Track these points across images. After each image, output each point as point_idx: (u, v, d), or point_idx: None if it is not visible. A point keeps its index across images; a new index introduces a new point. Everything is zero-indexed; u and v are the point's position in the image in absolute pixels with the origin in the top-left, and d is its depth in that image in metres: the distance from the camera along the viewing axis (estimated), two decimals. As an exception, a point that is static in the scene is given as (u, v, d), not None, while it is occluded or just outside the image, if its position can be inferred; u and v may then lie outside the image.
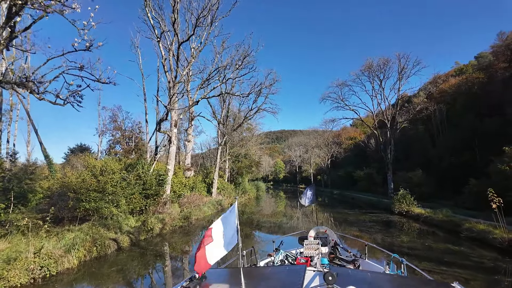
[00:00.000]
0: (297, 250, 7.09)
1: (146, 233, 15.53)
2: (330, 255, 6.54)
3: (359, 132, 70.95)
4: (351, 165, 58.48)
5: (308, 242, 6.33)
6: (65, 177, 18.79)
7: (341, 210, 29.58)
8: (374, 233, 16.93)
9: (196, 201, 25.58)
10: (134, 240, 14.42)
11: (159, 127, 21.07)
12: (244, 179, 50.61)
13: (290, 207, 36.77)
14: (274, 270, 4.48)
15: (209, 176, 36.62)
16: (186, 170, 28.02)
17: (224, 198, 32.47)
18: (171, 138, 23.18)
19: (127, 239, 13.96)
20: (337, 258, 6.38)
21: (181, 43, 21.77)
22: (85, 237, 12.50)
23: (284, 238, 8.11)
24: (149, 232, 15.67)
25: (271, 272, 4.25)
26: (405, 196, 23.50)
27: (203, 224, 20.73)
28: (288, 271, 4.00)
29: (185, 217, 19.52)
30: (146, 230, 15.52)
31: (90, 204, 17.04)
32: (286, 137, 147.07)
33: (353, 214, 25.81)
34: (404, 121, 36.72)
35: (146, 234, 15.57)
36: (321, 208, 33.37)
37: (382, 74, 35.69)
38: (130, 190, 19.93)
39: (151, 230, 15.80)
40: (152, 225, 15.97)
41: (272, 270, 4.43)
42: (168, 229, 17.56)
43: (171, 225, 18.05)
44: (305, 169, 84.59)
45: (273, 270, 4.41)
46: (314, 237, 7.48)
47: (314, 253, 5.86)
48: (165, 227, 17.28)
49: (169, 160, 23.41)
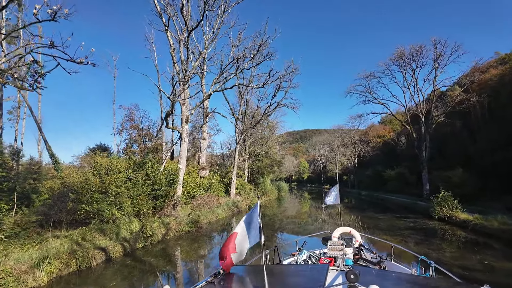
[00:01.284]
0: (321, 250, 7.01)
1: (144, 240, 13.61)
2: (354, 256, 6.39)
3: (388, 130, 66.39)
4: (379, 164, 54.50)
5: (332, 243, 6.20)
6: (68, 177, 17.43)
7: (370, 213, 26.50)
8: (414, 243, 14.03)
9: (210, 202, 23.65)
10: (129, 249, 12.53)
11: (166, 123, 19.25)
12: (265, 179, 48.31)
13: (314, 209, 33.94)
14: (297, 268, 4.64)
15: (227, 176, 34.70)
16: (200, 170, 26.18)
17: (242, 199, 30.32)
18: (182, 135, 21.35)
19: (119, 248, 12.08)
20: (362, 260, 6.22)
21: (191, 31, 19.91)
22: (70, 246, 10.76)
23: (307, 238, 8.00)
24: (148, 239, 13.73)
25: (293, 270, 4.27)
26: (447, 198, 20.17)
27: (214, 229, 18.69)
28: (310, 269, 4.04)
29: (193, 221, 17.46)
30: (144, 236, 13.60)
31: (91, 206, 15.50)
32: (310, 137, 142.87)
33: (385, 219, 22.71)
34: (441, 114, 32.83)
35: (145, 242, 13.66)
36: (347, 211, 30.41)
37: (415, 63, 32.11)
38: (137, 191, 18.27)
39: (151, 237, 13.87)
40: (152, 231, 14.03)
41: (294, 268, 4.53)
42: (173, 235, 15.60)
43: (177, 230, 16.09)
44: (330, 169, 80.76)
45: (296, 268, 4.52)
46: (338, 237, 7.31)
47: (338, 253, 5.80)
48: (168, 233, 15.34)
49: (180, 158, 21.60)
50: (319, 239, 7.69)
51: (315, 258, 6.45)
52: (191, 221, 17.39)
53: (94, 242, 11.98)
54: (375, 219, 22.53)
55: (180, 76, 19.87)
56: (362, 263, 6.09)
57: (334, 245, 6.12)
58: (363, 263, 6.05)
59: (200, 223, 18.33)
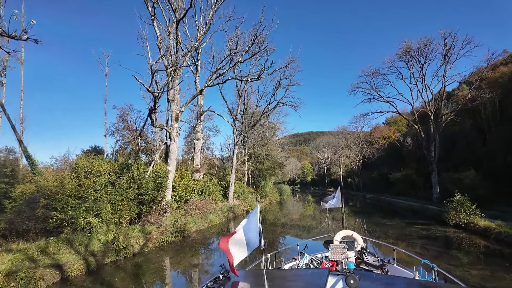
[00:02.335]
0: (323, 254, 6.90)
1: (116, 253, 11.68)
2: (356, 260, 6.28)
3: (393, 131, 64.08)
4: (385, 166, 52.21)
5: (333, 246, 6.21)
6: (42, 180, 15.63)
7: (377, 218, 24.34)
8: (432, 256, 11.88)
9: (204, 207, 21.71)
10: (94, 265, 10.60)
11: (151, 120, 17.40)
12: (266, 182, 46.29)
13: (318, 212, 31.75)
14: (297, 272, 4.68)
15: (225, 178, 32.80)
16: (194, 172, 24.30)
17: (240, 203, 28.34)
18: (171, 135, 19.52)
19: (81, 264, 10.14)
20: (364, 263, 6.13)
21: (179, 21, 18.14)
22: (21, 262, 8.89)
23: (309, 242, 7.78)
24: (121, 252, 11.80)
25: (294, 274, 4.28)
26: (463, 203, 17.98)
27: (203, 239, 16.65)
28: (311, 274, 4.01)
29: (178, 230, 15.49)
30: (116, 249, 11.67)
31: (64, 213, 13.69)
32: (313, 139, 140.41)
33: (394, 225, 20.56)
34: (451, 112, 30.60)
35: (117, 255, 11.73)
36: (352, 215, 28.29)
37: (422, 58, 29.94)
38: (119, 196, 16.43)
39: (124, 249, 11.93)
40: (127, 242, 12.10)
41: (295, 273, 4.56)
42: (153, 246, 13.65)
43: (158, 240, 14.15)
44: (334, 171, 78.43)
45: (296, 273, 4.54)
46: (340, 241, 7.20)
47: (340, 257, 5.75)
48: (148, 244, 13.39)
49: (170, 160, 19.74)
50: (321, 243, 7.54)
51: (317, 262, 6.33)
52: (176, 229, 15.41)
53: (54, 257, 10.12)
54: (383, 226, 20.39)
55: (168, 71, 18.06)
56: (364, 266, 6.00)
57: (336, 248, 6.06)
58: (365, 267, 5.98)
59: (187, 232, 16.36)
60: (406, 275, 5.62)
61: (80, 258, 10.37)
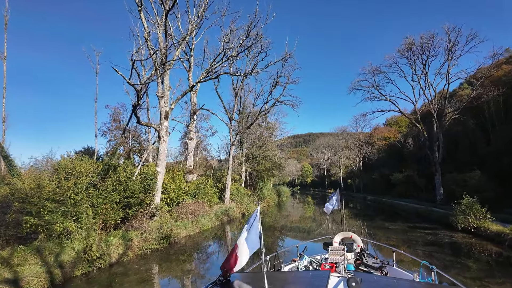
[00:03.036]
0: (322, 255, 6.83)
1: (89, 264, 10.38)
2: (356, 261, 6.24)
3: (394, 132, 62.84)
4: (385, 167, 50.92)
5: (333, 248, 6.15)
6: (17, 182, 14.36)
7: (379, 222, 22.99)
8: (442, 266, 10.54)
9: (196, 210, 20.41)
10: (59, 278, 9.28)
11: (136, 118, 16.12)
12: (265, 183, 44.94)
13: (319, 214, 30.39)
14: (298, 275, 4.50)
15: (221, 180, 31.50)
16: (187, 173, 23.01)
17: (235, 206, 27.01)
18: (159, 134, 18.25)
19: (43, 278, 8.81)
20: (364, 265, 6.07)
21: (168, 12, 16.91)
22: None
23: (308, 244, 7.72)
24: (94, 263, 10.49)
25: (294, 277, 4.15)
26: (472, 205, 16.66)
27: (192, 245, 15.27)
28: (311, 276, 3.94)
29: (164, 236, 14.16)
30: (88, 259, 10.37)
31: (40, 218, 12.41)
32: (313, 140, 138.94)
33: (398, 229, 19.22)
34: (455, 110, 29.32)
35: (89, 266, 10.42)
36: (352, 218, 26.96)
37: (425, 54, 28.70)
38: (102, 199, 15.15)
39: (99, 259, 10.63)
40: (101, 251, 10.80)
41: (295, 275, 4.40)
42: (133, 255, 12.31)
43: (141, 248, 12.84)
44: (334, 173, 77.09)
45: (297, 275, 4.39)
46: (339, 242, 7.13)
47: (339, 259, 5.67)
48: (127, 253, 12.07)
49: (159, 160, 18.46)
50: (320, 245, 7.46)
51: (316, 263, 6.27)
52: (162, 235, 14.08)
53: (16, 270, 8.84)
54: (385, 230, 19.05)
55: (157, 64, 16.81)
56: (364, 268, 5.94)
57: (335, 250, 6.02)
58: (365, 268, 5.93)
59: (175, 238, 15.03)
60: (406, 276, 5.57)
61: (45, 270, 9.07)
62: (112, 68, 12.54)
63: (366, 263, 6.15)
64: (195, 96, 23.92)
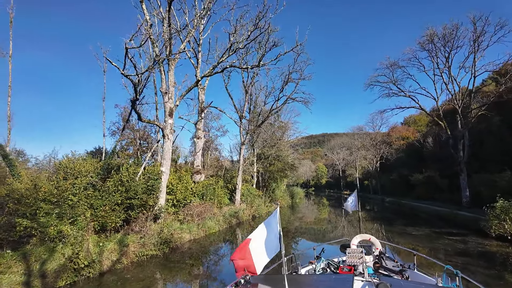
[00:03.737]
0: (339, 258, 6.70)
1: (75, 273, 9.31)
2: (375, 265, 5.96)
3: (412, 131, 60.07)
4: (404, 168, 48.48)
5: (350, 250, 6.01)
6: (14, 182, 13.63)
7: (400, 226, 21.13)
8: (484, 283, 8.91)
9: (203, 212, 19.27)
10: (39, 290, 8.26)
11: (137, 114, 15.11)
12: (278, 184, 43.46)
13: (334, 216, 28.72)
14: (319, 278, 4.47)
15: (232, 181, 30.35)
16: (194, 173, 21.93)
17: (246, 207, 25.75)
18: (163, 132, 17.22)
19: (18, 292, 7.80)
20: (383, 268, 5.85)
21: (171, 3, 15.85)
22: None
23: (325, 246, 7.61)
24: (82, 271, 9.41)
25: (316, 280, 4.13)
26: (508, 209, 14.74)
27: (195, 251, 14.01)
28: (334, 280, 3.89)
29: (164, 241, 13.00)
30: (75, 268, 9.30)
31: (34, 221, 11.57)
32: (328, 140, 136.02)
33: (422, 235, 17.38)
34: (482, 106, 27.03)
35: (76, 276, 9.35)
36: (370, 221, 25.17)
37: (448, 46, 26.59)
38: (101, 201, 14.22)
39: (87, 267, 9.55)
40: (90, 258, 9.73)
41: (317, 278, 4.39)
42: (128, 262, 11.17)
43: (137, 254, 11.73)
44: (350, 173, 74.52)
45: (318, 278, 4.36)
46: (357, 245, 6.94)
47: (357, 261, 5.61)
48: (121, 260, 10.97)
49: (163, 160, 17.44)
50: (337, 247, 7.27)
51: (333, 266, 6.12)
52: (162, 240, 12.93)
53: (-7, 279, 7.86)
54: (408, 236, 17.25)
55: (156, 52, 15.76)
56: (383, 271, 5.68)
57: (353, 253, 5.88)
58: (384, 272, 5.65)
59: (177, 243, 13.86)
60: (428, 281, 5.36)
61: (23, 281, 8.07)
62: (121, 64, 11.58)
63: (385, 267, 5.91)
64: (203, 94, 22.86)
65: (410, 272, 5.77)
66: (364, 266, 5.29)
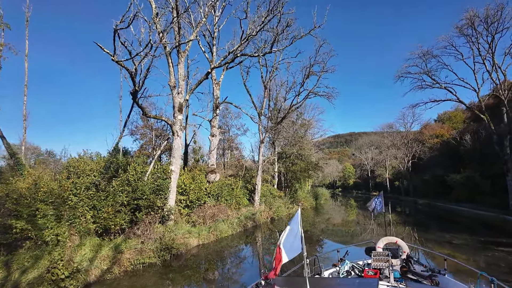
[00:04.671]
0: (364, 261, 6.50)
1: (54, 285, 8.12)
2: (402, 269, 5.73)
3: (447, 128, 55.25)
4: (439, 168, 44.45)
5: (376, 253, 5.89)
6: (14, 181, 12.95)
7: (436, 232, 18.45)
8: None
9: (217, 214, 17.90)
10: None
11: (141, 109, 13.96)
12: (301, 185, 41.36)
13: (363, 218, 26.28)
14: (342, 282, 4.31)
15: (251, 181, 28.85)
16: (209, 173, 20.64)
17: (264, 209, 24.13)
18: (172, 128, 16.04)
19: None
20: (411, 272, 5.58)
21: (178, -11, 14.63)
22: None
23: (350, 248, 7.19)
24: (63, 284, 8.21)
25: (338, 283, 3.99)
26: None
27: (205, 257, 12.56)
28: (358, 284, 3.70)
29: (165, 247, 11.62)
30: (53, 279, 8.11)
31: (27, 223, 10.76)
32: (355, 140, 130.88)
33: (465, 244, 14.74)
34: (533, 97, 23.46)
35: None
36: (401, 225, 22.63)
37: (492, 29, 23.30)
38: (104, 201, 13.22)
39: (69, 278, 8.35)
40: (73, 268, 8.53)
41: (340, 282, 4.21)
42: (121, 271, 9.87)
43: (133, 262, 10.45)
44: (379, 174, 70.35)
45: (341, 282, 4.20)
46: (383, 248, 6.53)
47: (383, 265, 5.48)
48: (113, 269, 9.70)
49: (172, 158, 16.28)
50: (362, 250, 7.01)
51: (358, 269, 5.85)
52: (163, 246, 11.57)
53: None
54: (447, 245, 14.67)
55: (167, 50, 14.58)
56: (412, 276, 5.44)
57: (379, 256, 5.74)
58: (413, 277, 5.41)
59: (181, 249, 12.44)
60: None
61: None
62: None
63: (413, 271, 5.61)
64: (218, 89, 21.56)
65: (441, 277, 5.37)
66: (390, 270, 5.17)
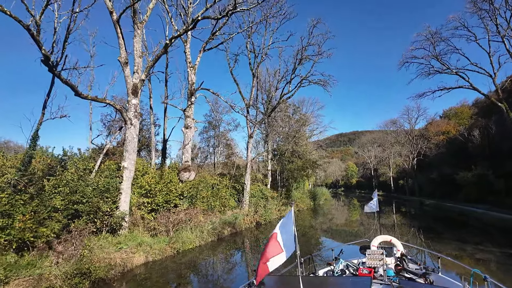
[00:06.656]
0: (359, 259, 6.34)
1: None
2: (396, 267, 5.64)
3: (454, 125, 51.20)
4: (446, 165, 40.57)
5: (370, 252, 5.80)
6: None
7: (452, 240, 14.81)
8: None
9: (184, 220, 14.56)
10: None
11: (70, 86, 10.64)
12: (300, 184, 37.84)
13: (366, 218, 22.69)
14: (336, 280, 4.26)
15: (241, 180, 25.54)
16: (181, 171, 17.33)
17: (249, 212, 20.80)
18: (123, 115, 12.76)
19: None
20: (405, 271, 5.53)
21: None
22: None
23: (344, 247, 7.02)
24: None
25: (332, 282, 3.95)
26: None
27: (140, 286, 9.16)
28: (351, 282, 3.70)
29: (80, 273, 8.20)
30: None
31: None
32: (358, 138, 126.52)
33: (491, 259, 11.20)
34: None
35: None
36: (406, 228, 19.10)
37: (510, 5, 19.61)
38: (24, 207, 9.97)
39: None
40: None
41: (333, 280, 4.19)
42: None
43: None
44: (383, 172, 66.32)
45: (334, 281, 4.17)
46: (377, 246, 6.44)
47: (378, 263, 5.43)
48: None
49: (125, 152, 12.98)
50: (356, 247, 6.85)
51: (353, 268, 5.73)
52: (78, 271, 8.17)
53: None
54: (474, 261, 11.08)
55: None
56: (406, 274, 5.39)
57: (374, 254, 5.66)
58: (407, 275, 5.36)
59: (109, 273, 9.01)
60: (454, 286, 4.92)
61: None
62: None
63: (408, 269, 5.54)
64: (193, 74, 18.17)
65: (435, 275, 5.20)
66: (385, 268, 5.16)
